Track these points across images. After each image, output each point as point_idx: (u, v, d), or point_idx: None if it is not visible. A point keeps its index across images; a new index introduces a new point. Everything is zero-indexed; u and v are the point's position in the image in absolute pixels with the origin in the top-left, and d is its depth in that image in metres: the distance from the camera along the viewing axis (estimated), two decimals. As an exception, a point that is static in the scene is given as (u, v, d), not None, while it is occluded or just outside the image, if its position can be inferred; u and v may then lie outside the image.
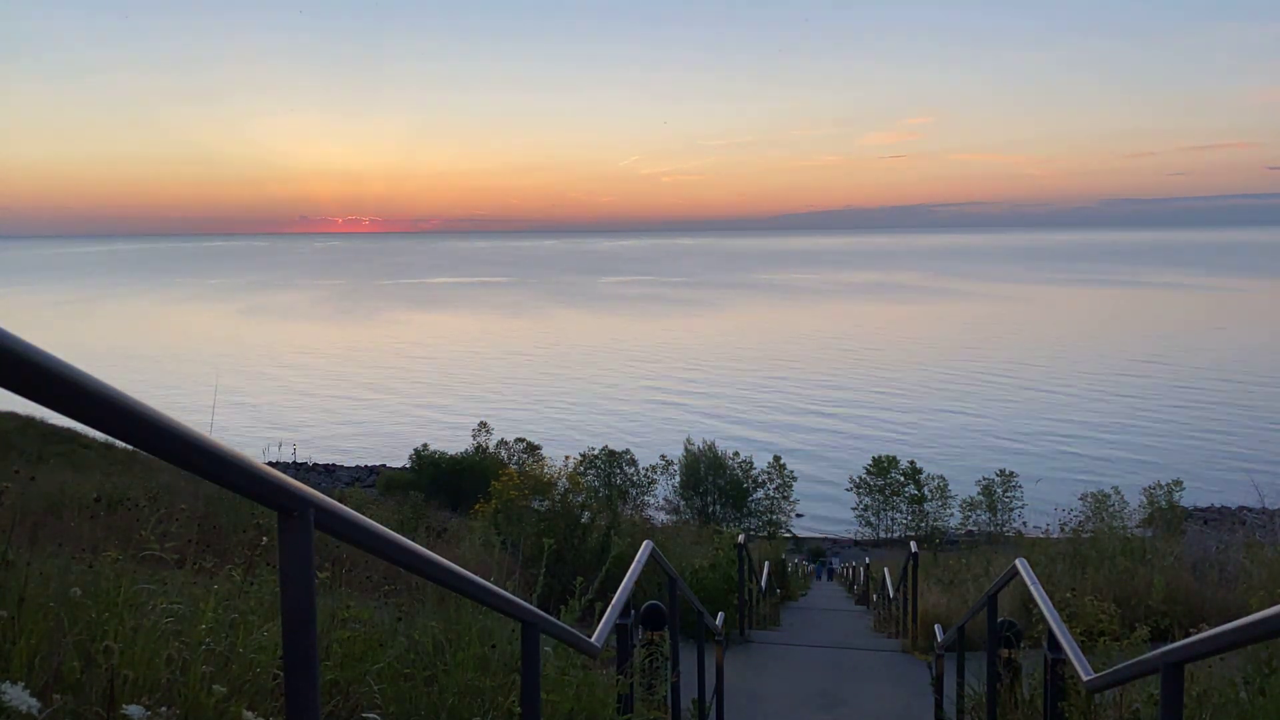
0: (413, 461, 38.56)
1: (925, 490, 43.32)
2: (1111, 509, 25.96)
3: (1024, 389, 65.99)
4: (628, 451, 44.16)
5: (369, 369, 79.19)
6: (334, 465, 48.10)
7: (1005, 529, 37.72)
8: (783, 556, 21.23)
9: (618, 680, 4.28)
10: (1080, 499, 28.99)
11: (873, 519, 43.80)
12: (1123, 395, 63.01)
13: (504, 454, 40.35)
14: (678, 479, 42.89)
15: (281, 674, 1.55)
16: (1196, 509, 35.44)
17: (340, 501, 1.90)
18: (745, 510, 41.84)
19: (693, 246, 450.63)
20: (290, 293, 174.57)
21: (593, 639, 3.73)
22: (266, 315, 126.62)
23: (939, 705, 7.30)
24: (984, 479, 41.98)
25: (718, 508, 41.72)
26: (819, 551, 37.35)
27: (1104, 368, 73.25)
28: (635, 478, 43.25)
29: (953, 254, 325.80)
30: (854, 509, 43.76)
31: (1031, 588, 4.89)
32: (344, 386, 70.69)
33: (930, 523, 42.41)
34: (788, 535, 38.00)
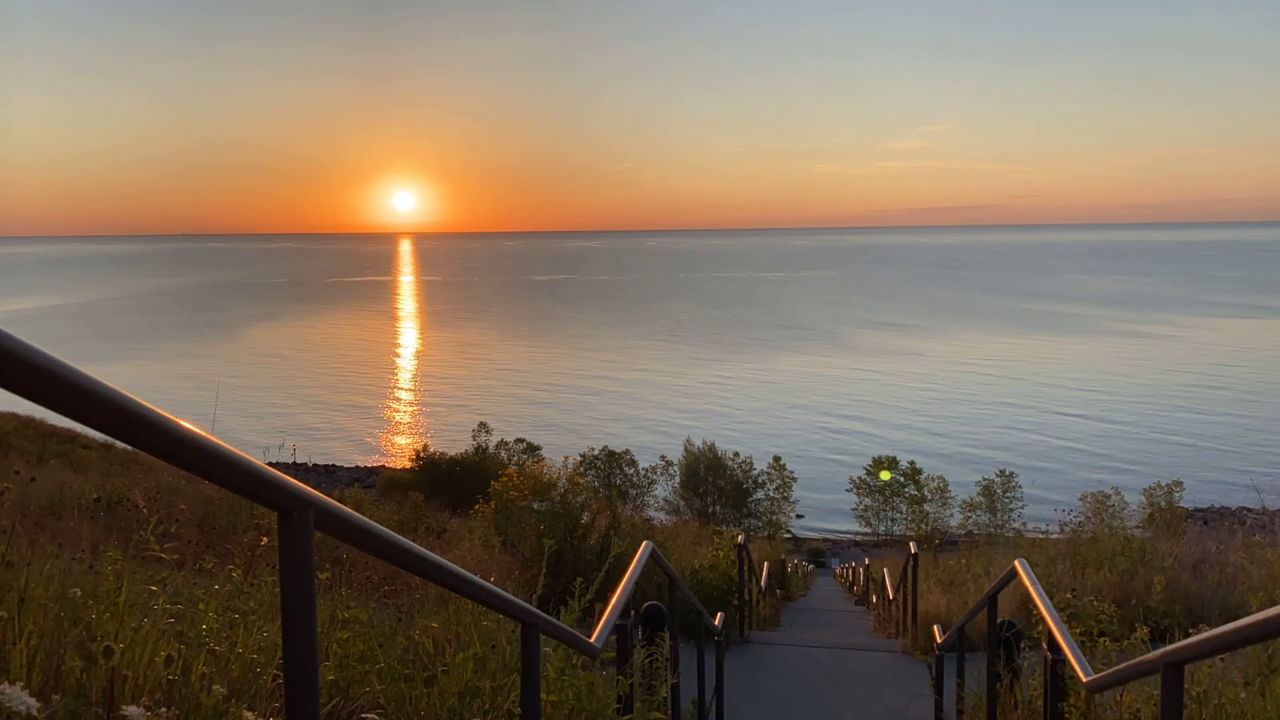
0: (413, 462, 38.55)
1: (925, 490, 43.26)
2: (1111, 509, 25.92)
3: (1024, 388, 65.99)
4: (627, 452, 44.12)
5: (367, 369, 79.21)
6: (334, 465, 48.05)
7: (1005, 529, 37.63)
8: (782, 557, 21.25)
9: (617, 681, 4.28)
10: (1080, 499, 28.97)
11: (873, 519, 43.77)
12: (1123, 395, 63.01)
13: (504, 454, 40.31)
14: (677, 479, 42.86)
15: (281, 674, 1.55)
16: (1196, 509, 35.39)
17: (340, 501, 1.90)
18: (745, 511, 41.81)
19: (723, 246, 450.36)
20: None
21: (592, 640, 3.73)
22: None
23: (939, 706, 7.31)
24: (984, 479, 41.91)
25: (718, 508, 41.68)
26: (819, 552, 37.31)
27: (1104, 367, 73.28)
28: (635, 478, 43.21)
29: (951, 255, 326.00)
30: (854, 509, 43.73)
31: (1031, 588, 4.89)
32: (342, 386, 70.69)
33: (930, 523, 42.33)
34: (788, 536, 37.90)
